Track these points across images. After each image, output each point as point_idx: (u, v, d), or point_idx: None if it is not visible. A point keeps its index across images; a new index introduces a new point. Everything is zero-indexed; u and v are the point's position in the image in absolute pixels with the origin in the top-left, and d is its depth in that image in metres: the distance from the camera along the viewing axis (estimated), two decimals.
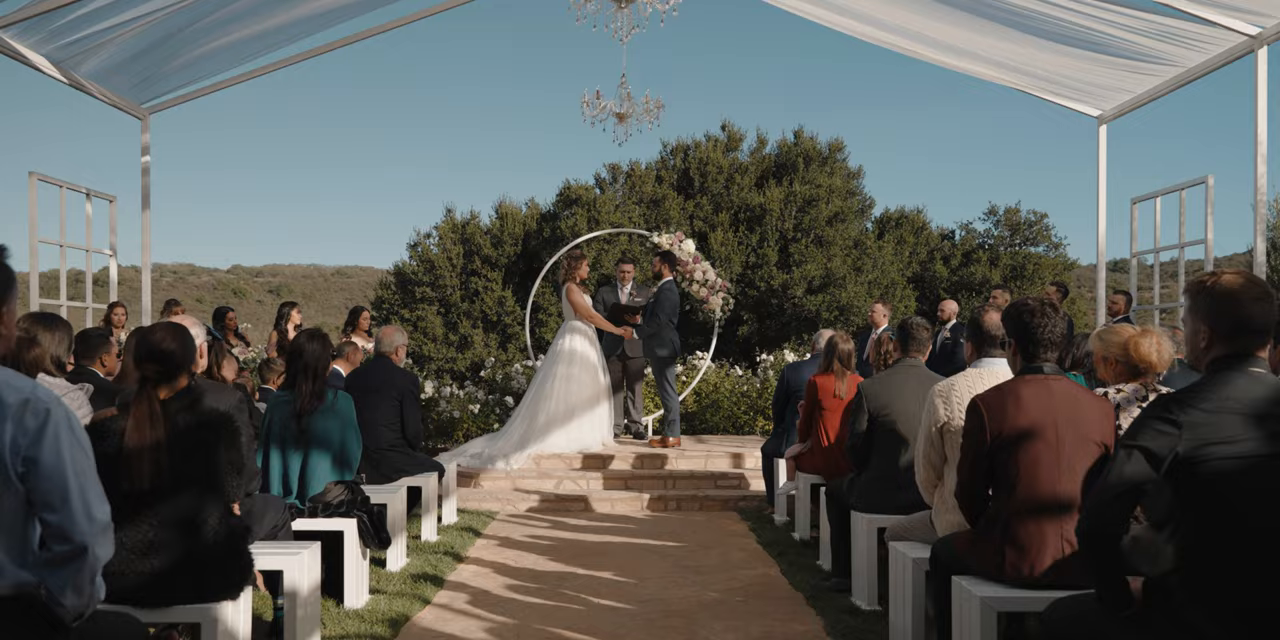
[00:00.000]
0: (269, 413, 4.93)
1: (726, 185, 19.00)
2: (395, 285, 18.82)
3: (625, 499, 7.85)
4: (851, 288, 17.49)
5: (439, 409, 10.76)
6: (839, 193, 19.04)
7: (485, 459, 8.37)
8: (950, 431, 3.97)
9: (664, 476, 8.21)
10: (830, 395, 6.38)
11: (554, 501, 7.84)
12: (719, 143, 19.86)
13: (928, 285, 19.71)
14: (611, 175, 19.28)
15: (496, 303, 17.68)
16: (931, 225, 20.55)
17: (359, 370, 6.61)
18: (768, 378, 12.27)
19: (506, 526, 7.13)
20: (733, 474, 8.28)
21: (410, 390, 6.35)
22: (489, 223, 18.88)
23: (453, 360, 17.21)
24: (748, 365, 13.28)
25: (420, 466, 6.44)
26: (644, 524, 7.27)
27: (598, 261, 17.26)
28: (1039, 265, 19.82)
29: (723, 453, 8.73)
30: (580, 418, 8.67)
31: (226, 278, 50.35)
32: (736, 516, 7.57)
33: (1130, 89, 9.59)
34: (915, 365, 5.13)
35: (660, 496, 7.86)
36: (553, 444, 8.50)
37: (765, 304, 17.75)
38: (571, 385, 8.71)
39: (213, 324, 9.46)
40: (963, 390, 4.00)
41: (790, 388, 7.24)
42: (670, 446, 8.94)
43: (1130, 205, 10.09)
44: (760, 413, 12.06)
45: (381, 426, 6.26)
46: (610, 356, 9.35)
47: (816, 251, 17.84)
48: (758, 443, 9.67)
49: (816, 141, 20.04)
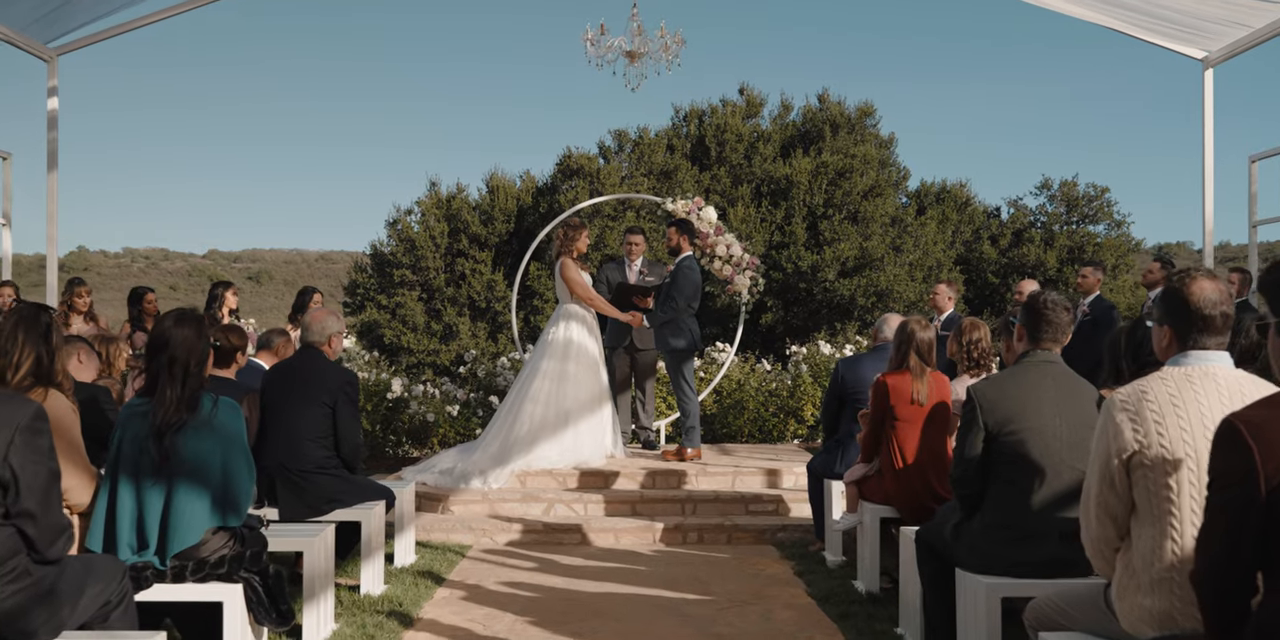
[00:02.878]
0: (117, 430, 3.56)
1: (747, 155, 17.67)
2: (372, 268, 17.46)
3: (632, 529, 6.49)
4: (891, 270, 16.07)
5: (409, 411, 9.42)
6: (872, 163, 17.64)
7: (457, 476, 7.00)
8: (1146, 466, 2.61)
9: (681, 499, 6.84)
10: (906, 401, 5.01)
11: (542, 532, 6.47)
12: (737, 108, 18.54)
13: (974, 268, 18.33)
14: (618, 143, 17.90)
15: (485, 287, 16.30)
16: (976, 200, 19.16)
17: (279, 366, 5.24)
18: (800, 373, 10.91)
19: (479, 568, 5.77)
20: (768, 496, 6.91)
21: (346, 392, 4.98)
22: (478, 198, 17.51)
23: (435, 353, 15.86)
24: (776, 359, 11.89)
25: (360, 493, 5.08)
26: (656, 565, 5.90)
27: (600, 240, 15.89)
28: (1099, 246, 18.39)
29: (754, 468, 7.35)
30: (576, 424, 7.30)
31: (202, 263, 49.18)
32: (775, 553, 6.20)
33: (1247, 23, 8.22)
34: (1051, 361, 3.73)
35: (677, 526, 6.49)
36: (541, 457, 7.14)
37: (792, 288, 16.35)
38: (566, 384, 7.35)
39: (129, 308, 8.10)
40: (1162, 402, 2.63)
41: (847, 389, 5.86)
42: (689, 459, 7.56)
43: (1249, 165, 8.66)
44: (792, 415, 10.71)
45: (306, 441, 4.90)
46: (615, 349, 7.99)
47: (850, 229, 16.44)
48: (795, 454, 8.29)
49: (844, 106, 18.65)
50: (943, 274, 16.96)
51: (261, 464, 4.91)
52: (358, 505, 5.03)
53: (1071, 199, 18.87)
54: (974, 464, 3.66)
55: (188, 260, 49.64)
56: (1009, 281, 18.02)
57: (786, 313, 16.68)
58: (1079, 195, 18.99)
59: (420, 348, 16.00)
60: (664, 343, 7.61)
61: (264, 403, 4.99)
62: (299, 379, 4.99)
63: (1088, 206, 18.82)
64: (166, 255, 50.06)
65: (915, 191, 18.99)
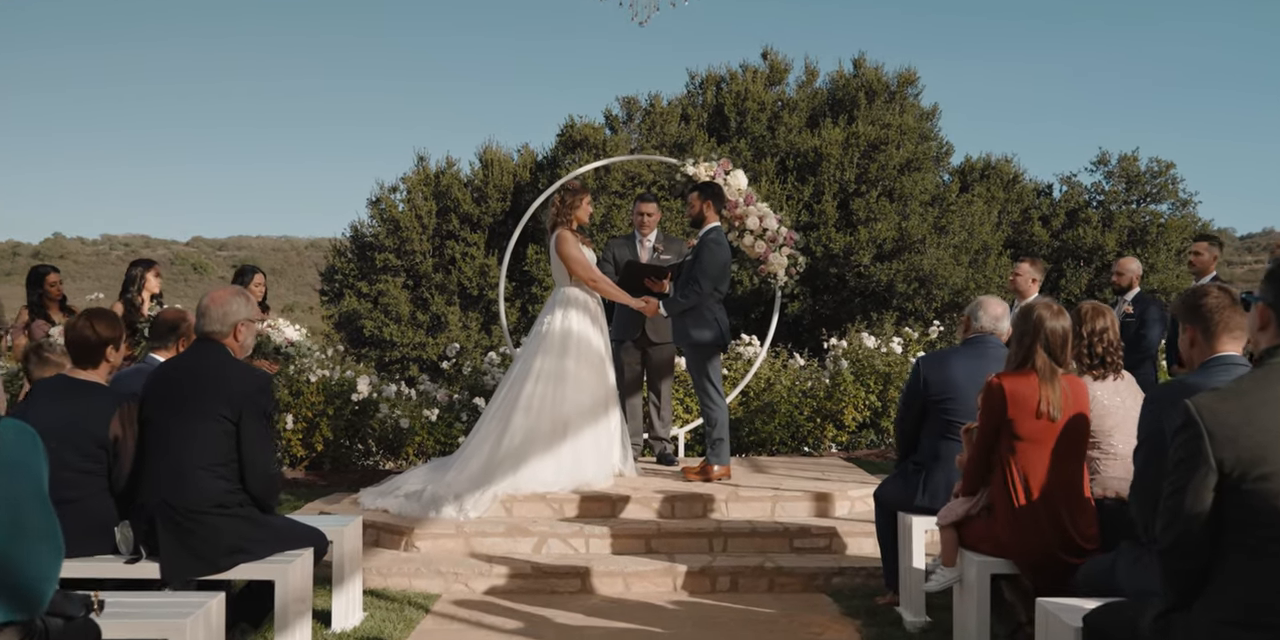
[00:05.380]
0: None
1: (770, 125, 16.43)
2: (352, 252, 16.23)
3: (647, 573, 5.23)
4: (933, 253, 14.77)
5: (379, 416, 8.19)
6: (910, 135, 16.35)
7: (426, 501, 5.75)
8: None
9: (709, 532, 5.59)
10: (1030, 413, 3.77)
11: (531, 577, 5.22)
12: (759, 74, 17.31)
13: (1024, 251, 16.97)
14: (626, 112, 16.65)
15: (478, 273, 15.04)
16: (1025, 177, 17.86)
17: (165, 366, 3.99)
18: (840, 370, 9.67)
19: (447, 630, 4.53)
20: (818, 528, 5.65)
21: (255, 403, 3.74)
22: (471, 173, 16.26)
23: (421, 346, 14.62)
24: (810, 353, 10.64)
25: (275, 540, 3.85)
26: (678, 623, 4.65)
27: (607, 221, 14.65)
28: (1163, 228, 17.08)
29: (798, 491, 6.09)
30: (576, 436, 6.05)
31: (185, 251, 48.14)
32: (832, 607, 4.94)
33: None
34: None
35: (704, 569, 5.23)
36: (533, 478, 5.89)
37: (821, 274, 15.06)
38: (564, 386, 6.10)
39: (28, 292, 6.86)
40: None
41: (931, 395, 4.60)
42: (715, 479, 6.32)
43: None
44: (830, 419, 9.47)
45: (199, 470, 3.66)
46: (624, 342, 6.74)
47: (887, 207, 15.15)
48: (846, 471, 7.04)
49: (881, 72, 17.35)
50: (991, 258, 15.68)
51: (139, 501, 3.70)
52: (272, 557, 3.80)
53: (1132, 175, 17.53)
54: (1199, 523, 2.41)
55: (170, 248, 48.59)
56: (1063, 267, 16.73)
57: (814, 301, 15.41)
58: (1139, 171, 17.64)
59: (405, 341, 14.78)
60: (684, 335, 6.36)
61: (143, 417, 3.76)
62: (190, 385, 3.75)
63: (1150, 183, 17.47)
64: (147, 242, 49.09)
65: (958, 168, 17.69)
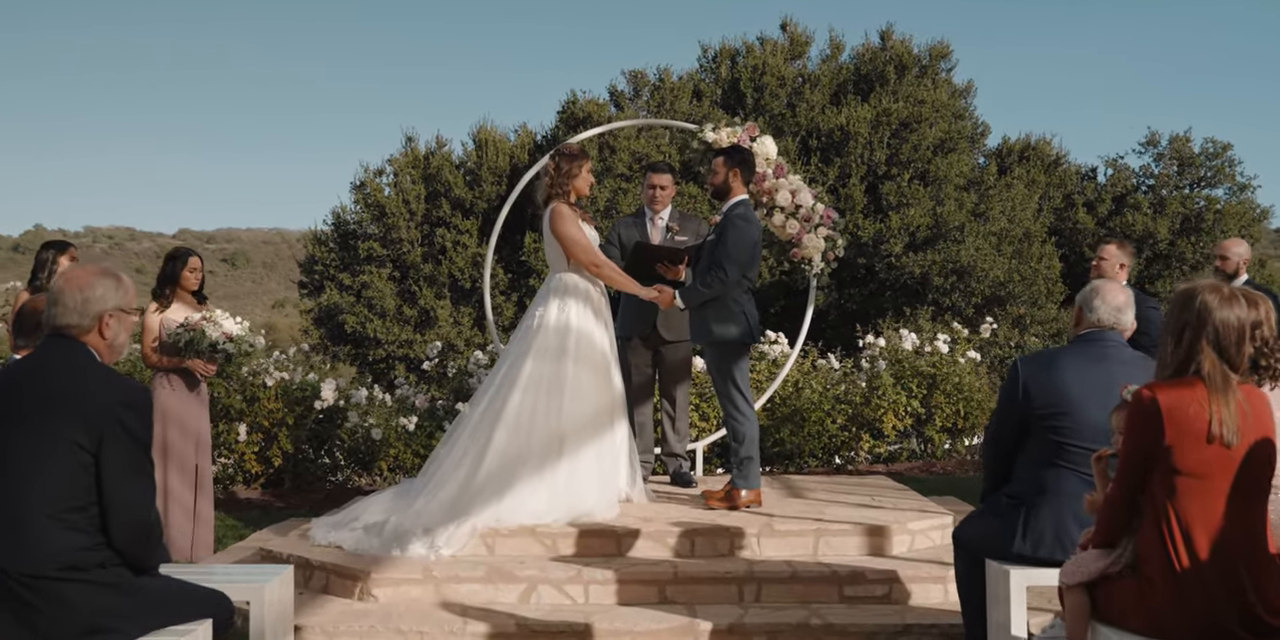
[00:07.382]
0: None
1: (791, 102, 15.53)
2: (333, 240, 15.29)
3: (662, 632, 4.26)
4: (972, 241, 13.80)
5: (347, 425, 7.24)
6: (944, 113, 15.40)
7: (389, 536, 4.79)
8: None
9: (738, 578, 4.62)
10: (1198, 437, 2.83)
11: (517, 636, 4.26)
12: (778, 47, 16.38)
13: (1068, 240, 16.09)
14: (633, 88, 15.73)
15: (470, 264, 14.15)
16: (1068, 159, 16.90)
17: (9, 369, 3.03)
18: (878, 372, 8.72)
19: None
20: (873, 572, 4.67)
21: (121, 422, 2.78)
22: (463, 155, 15.32)
23: (408, 344, 13.69)
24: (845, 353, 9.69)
25: (152, 612, 2.89)
26: None
27: (612, 206, 13.71)
28: (1220, 214, 16.08)
29: (845, 522, 5.11)
30: (574, 455, 5.09)
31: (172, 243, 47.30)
32: None
33: None
34: None
35: (734, 626, 4.26)
36: (520, 507, 4.92)
37: (848, 265, 14.12)
38: (560, 394, 5.14)
39: None
40: None
41: (1035, 408, 3.62)
42: (744, 506, 5.35)
43: None
44: (867, 428, 8.52)
45: (44, 519, 2.71)
46: (632, 340, 5.80)
47: (920, 191, 14.18)
48: (898, 495, 6.05)
49: (911, 45, 16.39)
50: (1034, 247, 14.69)
51: None
52: (149, 636, 2.84)
53: (1185, 157, 16.53)
54: None
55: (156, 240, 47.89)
56: None
57: (840, 294, 14.46)
58: (1193, 153, 16.64)
59: (390, 338, 13.87)
60: (705, 332, 5.39)
61: None
62: (33, 399, 2.79)
63: (1205, 166, 16.47)
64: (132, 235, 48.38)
65: (995, 150, 16.72)
